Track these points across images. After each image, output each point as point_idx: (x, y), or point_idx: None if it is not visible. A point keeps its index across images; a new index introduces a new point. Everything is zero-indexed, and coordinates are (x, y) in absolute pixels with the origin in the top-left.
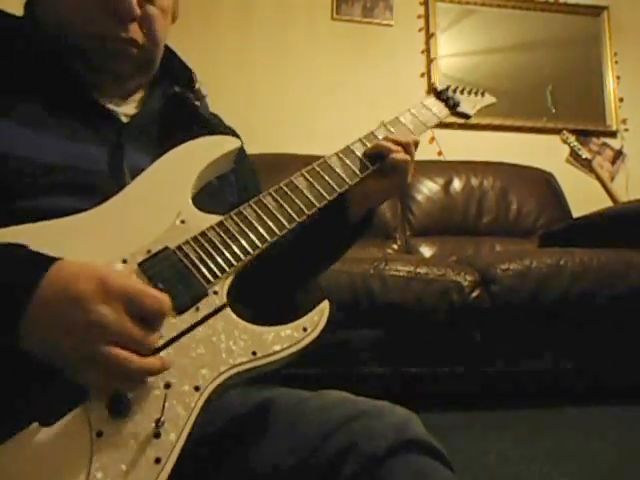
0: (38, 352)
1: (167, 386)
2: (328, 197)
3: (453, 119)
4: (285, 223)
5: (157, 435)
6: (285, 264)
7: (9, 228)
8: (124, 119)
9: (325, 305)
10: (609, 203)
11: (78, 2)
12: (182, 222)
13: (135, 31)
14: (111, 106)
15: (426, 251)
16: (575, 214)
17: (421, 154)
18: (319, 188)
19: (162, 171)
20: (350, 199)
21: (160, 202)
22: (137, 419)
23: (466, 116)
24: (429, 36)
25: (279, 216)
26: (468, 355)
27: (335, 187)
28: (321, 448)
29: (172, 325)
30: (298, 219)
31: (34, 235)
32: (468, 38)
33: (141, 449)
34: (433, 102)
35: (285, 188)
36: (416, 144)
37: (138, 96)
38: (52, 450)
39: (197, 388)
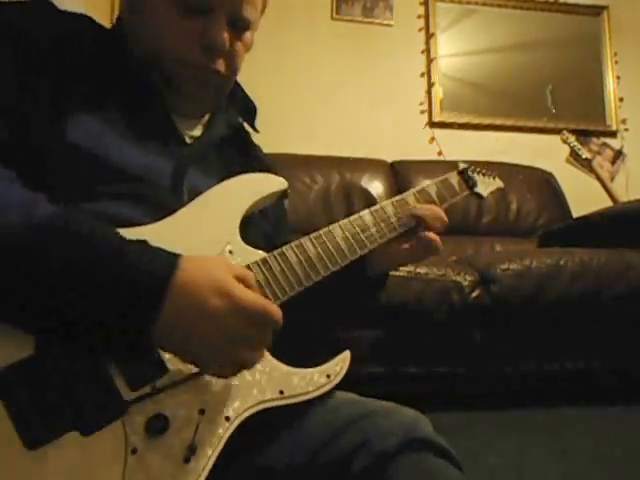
0: (167, 346)
1: (201, 412)
2: (359, 251)
3: (452, 119)
4: (320, 270)
5: (187, 460)
6: (303, 308)
7: None
8: (188, 140)
9: (346, 356)
10: (609, 203)
11: (176, 33)
12: (230, 252)
13: (221, 64)
14: (180, 126)
15: None
16: (575, 214)
17: (421, 154)
18: (352, 242)
19: (217, 198)
20: (370, 257)
21: (212, 228)
22: (171, 441)
23: (480, 197)
24: (429, 36)
25: (316, 263)
26: (468, 355)
27: (367, 243)
28: (331, 447)
29: None
30: (332, 268)
31: None
32: (468, 38)
33: (171, 472)
34: (456, 179)
35: (324, 237)
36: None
37: (204, 120)
38: (87, 461)
39: (227, 418)
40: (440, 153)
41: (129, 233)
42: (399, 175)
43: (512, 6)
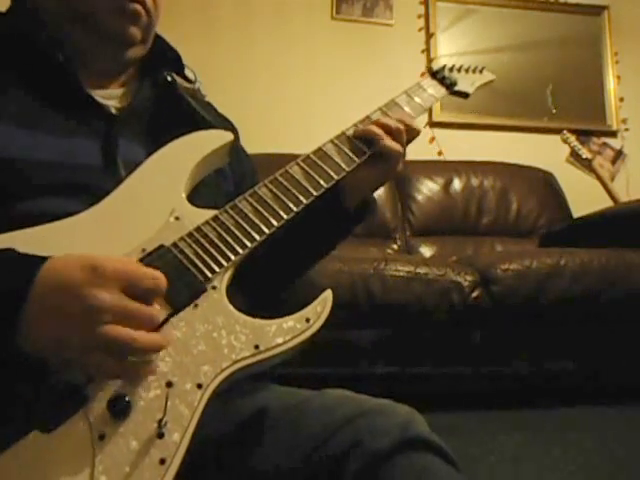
0: (44, 352)
1: (169, 385)
2: (325, 185)
3: (452, 119)
4: (282, 214)
5: (160, 435)
6: (281, 255)
7: (1, 235)
8: (114, 111)
9: (328, 295)
10: (609, 203)
11: None
12: (176, 219)
13: None
14: (100, 98)
15: (426, 251)
16: (575, 214)
17: (421, 154)
18: (315, 176)
19: (155, 168)
20: (342, 188)
21: (154, 200)
22: (139, 420)
23: (464, 94)
24: (429, 36)
25: (276, 207)
26: (468, 355)
27: (332, 174)
28: (325, 446)
29: (169, 323)
30: (295, 209)
31: (28, 240)
32: (468, 38)
33: (145, 450)
34: (429, 82)
35: (280, 178)
36: (409, 129)
37: (125, 87)
38: (54, 457)
39: (199, 386)
40: (440, 153)
41: (67, 224)
42: (399, 175)
43: (512, 6)
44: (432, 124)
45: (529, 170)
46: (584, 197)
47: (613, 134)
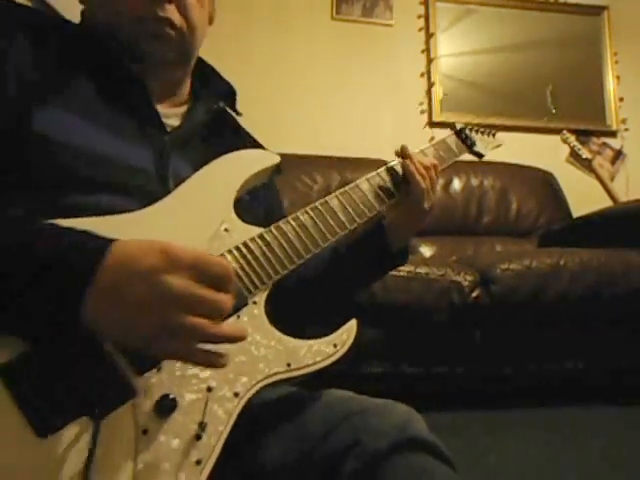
0: (108, 334)
1: (209, 390)
2: (358, 220)
3: (452, 119)
4: (319, 241)
5: (198, 437)
6: (322, 284)
7: (57, 221)
8: (169, 129)
9: (353, 324)
10: (609, 203)
11: None
12: (226, 230)
13: (171, 11)
14: (162, 113)
15: (426, 251)
16: (575, 214)
17: None
18: (351, 211)
19: (208, 178)
20: (387, 230)
21: (205, 209)
22: (181, 420)
23: (480, 155)
24: (429, 36)
25: (314, 234)
26: (468, 355)
27: (365, 211)
28: (324, 444)
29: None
30: (331, 238)
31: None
32: (468, 38)
33: (184, 450)
34: (453, 140)
35: (320, 208)
36: (436, 169)
37: (183, 109)
38: (99, 443)
39: (236, 394)
40: None
41: (121, 220)
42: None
43: (512, 6)
44: (432, 124)
45: (529, 170)
46: (584, 197)
47: (613, 134)
